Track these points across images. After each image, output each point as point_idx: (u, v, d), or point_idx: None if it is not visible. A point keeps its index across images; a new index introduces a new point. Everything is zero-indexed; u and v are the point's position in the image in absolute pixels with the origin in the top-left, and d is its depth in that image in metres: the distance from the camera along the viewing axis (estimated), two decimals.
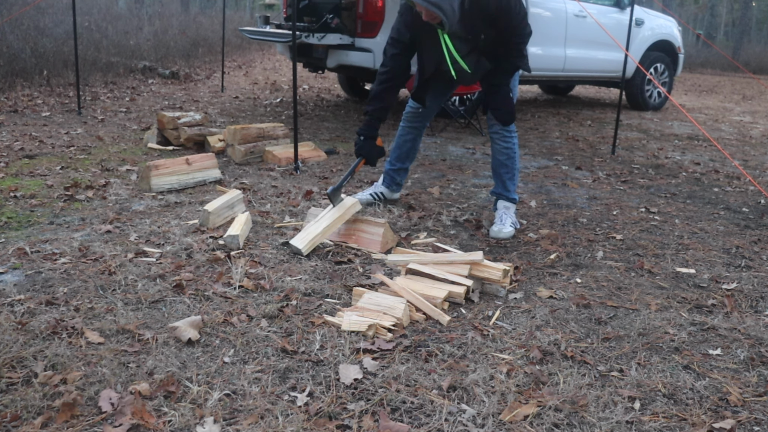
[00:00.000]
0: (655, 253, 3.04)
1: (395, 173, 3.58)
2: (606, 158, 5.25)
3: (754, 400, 1.86)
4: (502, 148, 3.26)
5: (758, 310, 2.47)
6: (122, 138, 5.07)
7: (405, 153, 3.54)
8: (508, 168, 3.29)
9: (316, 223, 2.87)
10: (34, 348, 1.93)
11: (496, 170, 3.32)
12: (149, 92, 7.79)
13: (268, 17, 6.62)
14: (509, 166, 3.28)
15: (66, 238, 2.84)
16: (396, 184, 3.61)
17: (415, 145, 3.55)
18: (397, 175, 3.58)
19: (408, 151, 3.54)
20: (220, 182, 3.89)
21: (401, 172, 3.59)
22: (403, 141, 3.53)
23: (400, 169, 3.57)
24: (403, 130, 3.52)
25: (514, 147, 3.27)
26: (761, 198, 4.19)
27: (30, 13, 8.90)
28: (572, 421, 1.73)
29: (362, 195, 3.55)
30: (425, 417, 1.72)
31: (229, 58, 12.39)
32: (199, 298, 2.33)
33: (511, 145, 3.26)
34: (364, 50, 5.64)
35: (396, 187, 3.63)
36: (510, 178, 3.30)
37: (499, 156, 3.28)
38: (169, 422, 1.64)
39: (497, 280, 2.48)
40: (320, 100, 7.85)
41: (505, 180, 3.30)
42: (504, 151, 3.26)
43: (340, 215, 2.90)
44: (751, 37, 28.04)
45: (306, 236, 2.79)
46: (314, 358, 1.97)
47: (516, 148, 3.28)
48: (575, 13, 6.87)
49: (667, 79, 8.45)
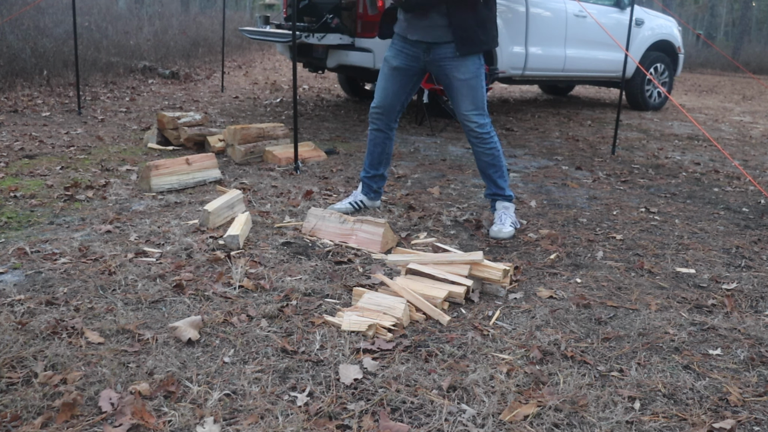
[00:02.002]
0: (655, 253, 3.04)
1: (370, 180, 3.41)
2: (606, 158, 5.25)
3: (754, 400, 1.86)
4: (485, 150, 3.19)
5: (758, 310, 2.47)
6: (122, 138, 5.07)
7: (377, 158, 3.37)
8: (497, 167, 3.23)
9: None
10: (34, 348, 1.93)
11: (485, 172, 3.26)
12: (149, 92, 7.79)
13: (268, 17, 6.61)
14: (497, 164, 3.23)
15: (66, 238, 2.84)
16: (374, 192, 3.45)
17: (386, 149, 3.38)
18: (374, 183, 3.42)
19: (380, 156, 3.36)
20: (220, 182, 3.89)
21: (377, 179, 3.42)
22: (373, 146, 3.36)
23: (375, 176, 3.40)
24: (370, 134, 3.37)
25: (496, 145, 3.20)
26: (761, 198, 4.19)
27: (30, 13, 8.90)
28: (572, 421, 1.73)
29: (341, 205, 3.38)
30: (425, 417, 1.72)
31: (229, 58, 12.39)
32: (199, 298, 2.33)
33: (493, 145, 3.18)
34: (364, 50, 5.64)
35: (374, 195, 3.46)
36: (500, 176, 3.25)
37: (485, 158, 3.22)
38: (169, 422, 1.64)
39: (497, 280, 2.48)
40: (320, 100, 7.85)
41: (496, 179, 3.25)
42: (488, 153, 3.20)
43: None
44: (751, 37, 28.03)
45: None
46: (314, 358, 1.97)
47: (498, 146, 3.21)
48: (575, 13, 6.87)
49: (667, 79, 8.45)
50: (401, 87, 3.23)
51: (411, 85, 3.26)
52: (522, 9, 6.36)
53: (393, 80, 3.22)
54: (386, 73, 3.23)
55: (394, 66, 3.20)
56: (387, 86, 3.23)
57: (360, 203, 3.43)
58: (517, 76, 6.54)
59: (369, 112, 3.34)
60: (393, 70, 3.20)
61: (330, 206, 3.40)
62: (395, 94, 3.24)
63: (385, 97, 3.24)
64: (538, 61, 6.56)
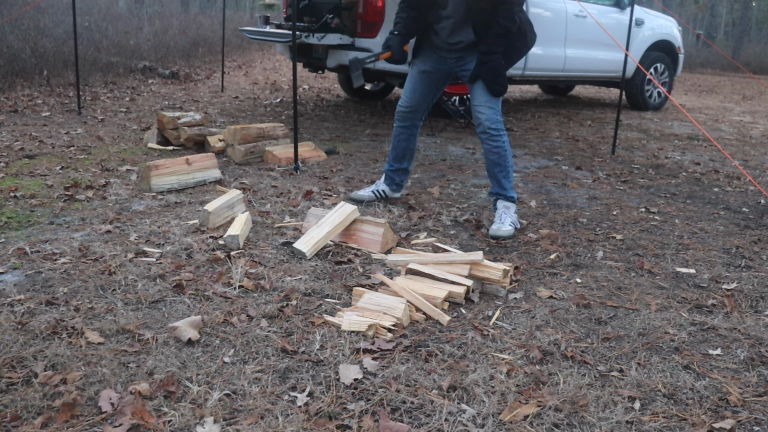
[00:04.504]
0: (655, 253, 3.04)
1: (394, 173, 3.61)
2: (606, 158, 5.25)
3: (754, 400, 1.86)
4: (492, 147, 3.25)
5: (758, 310, 2.47)
6: (122, 138, 5.07)
7: (401, 153, 3.57)
8: (502, 167, 3.28)
9: (318, 228, 2.88)
10: (34, 348, 1.93)
11: (491, 170, 3.32)
12: (149, 92, 7.79)
13: (268, 17, 6.61)
14: (502, 164, 3.27)
15: (66, 238, 2.84)
16: (396, 184, 3.64)
17: (410, 145, 3.56)
18: (396, 176, 3.61)
19: (404, 151, 3.56)
20: (220, 182, 3.89)
21: (400, 172, 3.61)
22: (398, 141, 3.55)
23: (399, 170, 3.60)
24: (396, 130, 3.54)
25: (505, 145, 3.25)
26: (761, 198, 4.19)
27: (30, 13, 8.90)
28: (572, 421, 1.73)
29: (364, 192, 3.60)
30: (425, 417, 1.72)
31: (229, 58, 12.39)
32: (199, 298, 2.33)
33: (502, 144, 3.24)
34: (364, 50, 5.64)
35: (396, 187, 3.67)
36: (505, 176, 3.29)
37: (491, 156, 3.27)
38: (169, 422, 1.64)
39: (497, 280, 2.48)
40: (320, 100, 7.85)
41: (501, 179, 3.29)
42: (495, 151, 3.25)
43: (341, 221, 2.92)
44: (751, 37, 28.04)
45: (309, 240, 2.80)
46: (314, 358, 1.97)
47: (507, 146, 3.26)
48: (575, 13, 6.87)
49: (667, 79, 8.45)
50: (428, 89, 3.45)
51: (438, 87, 3.47)
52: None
53: (421, 82, 3.42)
54: (414, 75, 3.44)
55: (423, 69, 3.40)
56: (415, 88, 3.44)
57: (382, 192, 3.64)
58: (517, 76, 6.54)
59: (396, 111, 3.52)
60: (421, 73, 3.42)
61: (352, 193, 3.63)
62: (423, 96, 3.45)
63: (414, 98, 3.45)
64: (538, 61, 6.56)
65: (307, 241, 2.80)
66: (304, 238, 2.83)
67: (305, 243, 2.79)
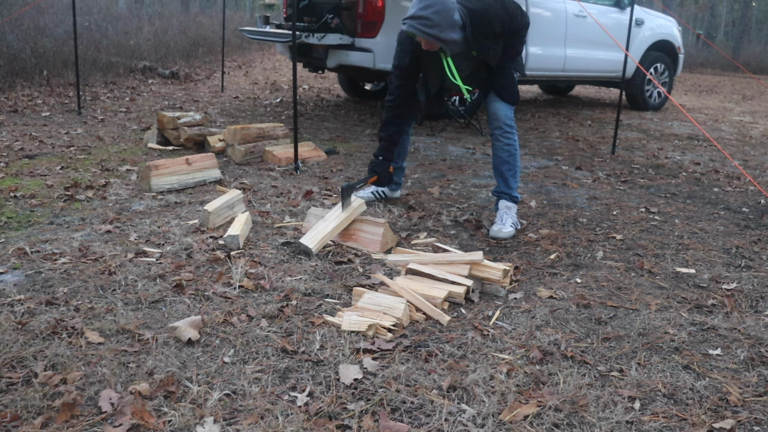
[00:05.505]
0: (655, 253, 3.04)
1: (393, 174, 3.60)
2: (606, 158, 5.25)
3: (754, 400, 1.86)
4: (503, 145, 3.26)
5: (758, 310, 2.47)
6: (122, 138, 5.07)
7: (396, 151, 3.56)
8: (510, 165, 3.30)
9: (325, 223, 2.88)
10: (34, 348, 1.93)
11: (498, 168, 3.32)
12: (149, 92, 7.79)
13: (268, 17, 6.62)
14: (511, 163, 3.29)
15: (66, 238, 2.84)
16: (394, 183, 3.65)
17: (404, 144, 3.60)
18: (394, 174, 3.61)
19: (399, 150, 3.58)
20: (220, 182, 3.89)
21: (397, 171, 3.63)
22: None
23: (395, 168, 3.61)
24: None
25: (515, 144, 3.28)
26: (761, 198, 4.19)
27: (30, 13, 8.90)
28: (572, 421, 1.73)
29: (364, 193, 3.60)
30: (425, 417, 1.72)
31: (229, 58, 12.39)
32: (199, 298, 2.33)
33: (513, 142, 3.26)
34: (364, 50, 5.64)
35: (395, 186, 3.68)
36: (512, 175, 3.31)
37: (501, 153, 3.29)
38: (169, 422, 1.64)
39: (497, 280, 2.48)
40: (320, 100, 7.85)
41: (508, 178, 3.30)
42: (506, 149, 3.27)
43: (348, 215, 2.92)
44: (751, 37, 28.02)
45: (316, 236, 2.80)
46: (314, 358, 1.97)
47: (517, 146, 3.29)
48: (575, 13, 6.87)
49: (667, 79, 8.45)
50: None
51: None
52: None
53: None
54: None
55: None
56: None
57: (382, 192, 3.68)
58: (517, 76, 6.54)
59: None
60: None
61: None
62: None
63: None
64: (538, 61, 6.56)
65: (313, 237, 2.80)
66: (309, 233, 2.83)
67: (311, 239, 2.79)
